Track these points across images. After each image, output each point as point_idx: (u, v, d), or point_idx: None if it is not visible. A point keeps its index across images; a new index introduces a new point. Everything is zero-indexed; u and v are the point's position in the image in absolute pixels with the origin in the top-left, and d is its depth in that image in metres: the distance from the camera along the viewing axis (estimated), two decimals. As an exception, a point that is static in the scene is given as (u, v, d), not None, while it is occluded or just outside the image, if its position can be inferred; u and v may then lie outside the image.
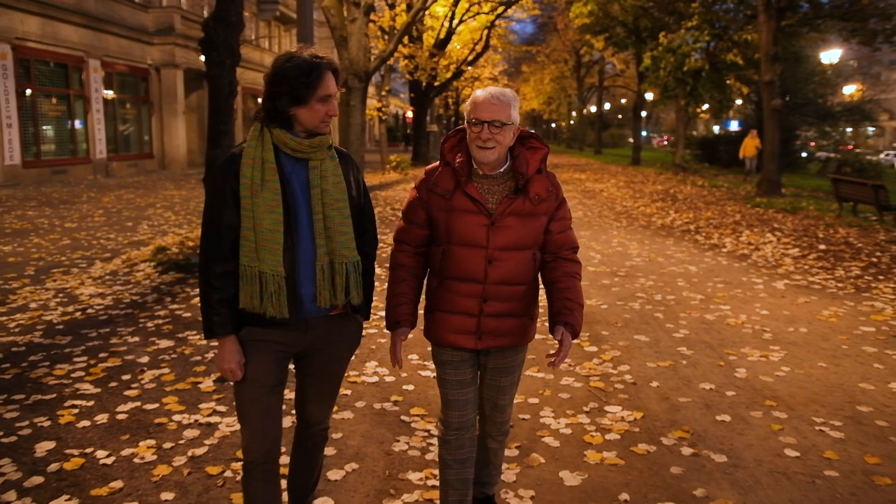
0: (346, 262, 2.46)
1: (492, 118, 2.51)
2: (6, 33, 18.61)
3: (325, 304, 2.45)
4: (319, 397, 2.67)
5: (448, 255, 2.65)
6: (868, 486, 3.46)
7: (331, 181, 2.45)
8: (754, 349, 5.62)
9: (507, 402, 2.83)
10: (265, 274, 2.36)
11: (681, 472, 3.60)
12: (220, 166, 2.44)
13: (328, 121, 2.43)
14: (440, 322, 2.71)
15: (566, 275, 2.70)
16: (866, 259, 9.43)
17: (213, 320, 2.41)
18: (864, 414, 4.35)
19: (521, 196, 2.61)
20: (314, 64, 2.37)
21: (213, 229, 2.42)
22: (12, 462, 3.59)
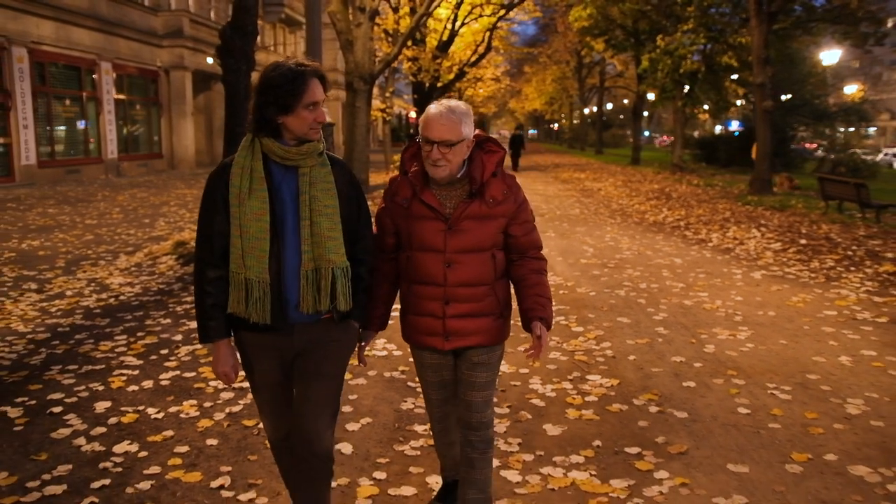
0: (334, 267, 2.50)
1: (440, 138, 2.57)
2: (22, 37, 19.27)
3: (308, 309, 2.49)
4: (312, 404, 2.61)
5: (411, 260, 2.75)
6: (803, 435, 4.08)
7: (320, 188, 2.50)
8: (724, 329, 6.24)
9: (481, 401, 2.84)
10: (251, 280, 2.43)
11: (647, 425, 4.22)
12: (212, 175, 2.53)
13: (317, 128, 2.47)
14: (411, 325, 2.83)
15: (533, 271, 2.78)
16: (842, 252, 10.04)
17: (207, 325, 2.51)
18: (812, 381, 4.97)
19: (476, 200, 2.68)
20: (298, 72, 2.40)
21: (205, 236, 2.51)
22: (77, 416, 4.23)
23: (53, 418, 4.19)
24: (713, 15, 24.76)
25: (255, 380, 2.63)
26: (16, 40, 19.00)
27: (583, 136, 64.77)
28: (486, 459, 2.89)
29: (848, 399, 4.63)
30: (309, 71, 2.42)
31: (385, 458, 3.77)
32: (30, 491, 3.34)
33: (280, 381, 2.63)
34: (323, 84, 2.47)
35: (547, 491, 3.45)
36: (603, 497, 3.38)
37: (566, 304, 7.07)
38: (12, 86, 19.03)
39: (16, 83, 19.10)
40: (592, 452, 3.86)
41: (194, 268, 2.55)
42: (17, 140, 19.29)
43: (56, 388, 4.67)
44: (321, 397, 2.61)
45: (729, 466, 3.69)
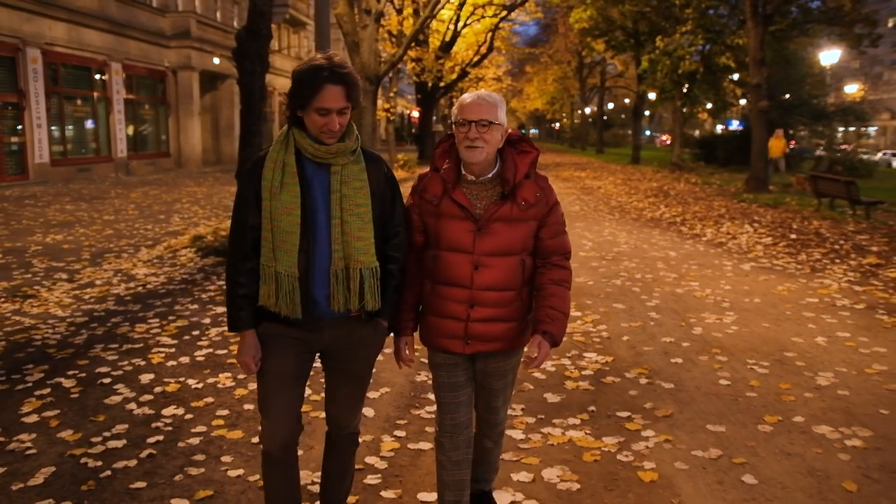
0: (362, 267, 2.48)
1: (478, 117, 2.55)
2: (36, 39, 19.77)
3: (340, 308, 2.49)
4: (343, 399, 2.70)
5: (437, 259, 2.69)
6: (776, 401, 4.56)
7: (352, 186, 2.47)
8: (712, 314, 6.72)
9: (500, 405, 2.88)
10: (280, 274, 2.44)
11: (637, 394, 4.70)
12: (247, 168, 2.53)
13: (329, 134, 2.42)
14: (431, 326, 2.76)
15: (552, 282, 2.70)
16: (829, 246, 10.52)
17: (237, 315, 2.53)
18: (789, 357, 5.44)
19: (508, 201, 2.63)
20: (317, 70, 2.37)
21: (237, 229, 2.52)
22: (125, 386, 4.71)
23: (104, 388, 4.68)
24: (711, 16, 25.21)
25: (270, 371, 2.57)
26: (30, 42, 19.51)
27: (584, 135, 65.25)
28: (498, 447, 3.04)
29: (819, 373, 5.10)
30: (325, 76, 2.35)
31: (404, 420, 4.25)
32: (94, 445, 3.82)
33: (294, 377, 2.59)
34: (348, 90, 2.39)
35: (547, 446, 3.93)
36: (596, 451, 3.86)
37: (565, 293, 7.54)
38: (26, 86, 19.54)
39: (30, 83, 19.62)
40: (587, 416, 4.34)
41: (227, 259, 2.57)
42: (31, 139, 19.80)
43: (102, 363, 5.15)
44: (350, 394, 2.69)
45: (708, 426, 4.17)
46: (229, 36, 30.05)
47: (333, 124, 2.39)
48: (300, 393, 2.64)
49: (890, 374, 5.08)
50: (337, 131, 2.41)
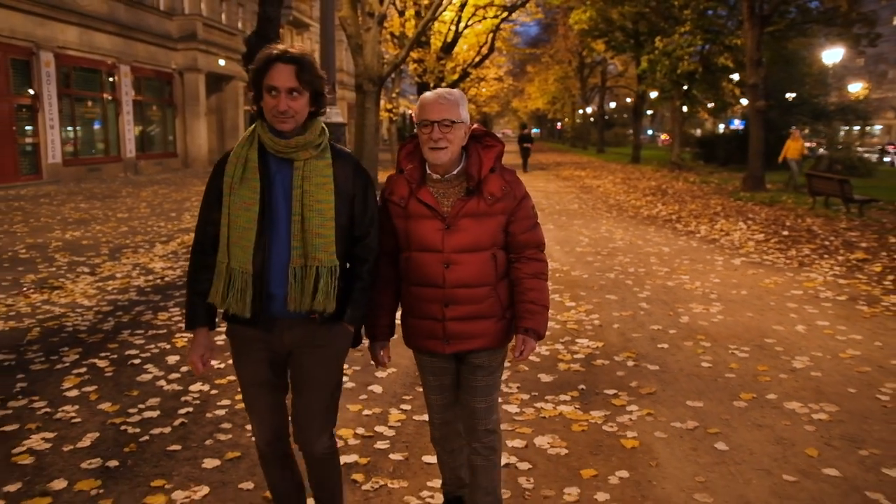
0: (320, 265, 2.42)
1: (440, 117, 2.53)
2: (49, 42, 20.22)
3: (295, 307, 2.42)
4: (304, 410, 2.57)
5: (409, 261, 2.68)
6: (752, 381, 4.96)
7: (314, 182, 2.42)
8: (699, 304, 7.12)
9: (484, 407, 2.78)
10: (234, 270, 2.39)
11: (624, 374, 5.10)
12: (216, 164, 2.51)
13: (280, 117, 2.35)
14: (411, 328, 2.77)
15: (529, 275, 2.70)
16: (819, 242, 10.90)
17: (192, 312, 2.52)
18: (769, 343, 5.84)
19: (474, 197, 2.62)
20: (266, 54, 2.36)
21: (199, 225, 2.52)
22: (154, 366, 5.13)
23: (135, 368, 5.10)
24: (710, 17, 25.58)
25: (241, 375, 2.58)
26: (43, 45, 19.96)
27: (585, 135, 65.55)
28: (490, 465, 2.84)
29: (796, 357, 5.50)
30: (275, 55, 2.34)
31: (409, 396, 4.66)
32: (132, 415, 4.24)
33: (266, 381, 2.54)
34: (299, 71, 2.33)
35: (539, 419, 4.33)
36: (584, 423, 4.26)
37: (561, 285, 7.95)
38: (40, 88, 20.00)
39: (43, 86, 20.07)
40: (577, 393, 4.74)
41: (190, 254, 2.57)
42: (44, 140, 20.25)
43: (130, 346, 5.57)
44: (313, 404, 2.56)
45: (687, 402, 4.57)
46: (234, 38, 30.56)
47: (282, 104, 2.32)
48: (280, 396, 2.61)
49: (862, 359, 5.47)
50: (286, 113, 2.33)
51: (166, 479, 3.48)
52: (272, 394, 2.56)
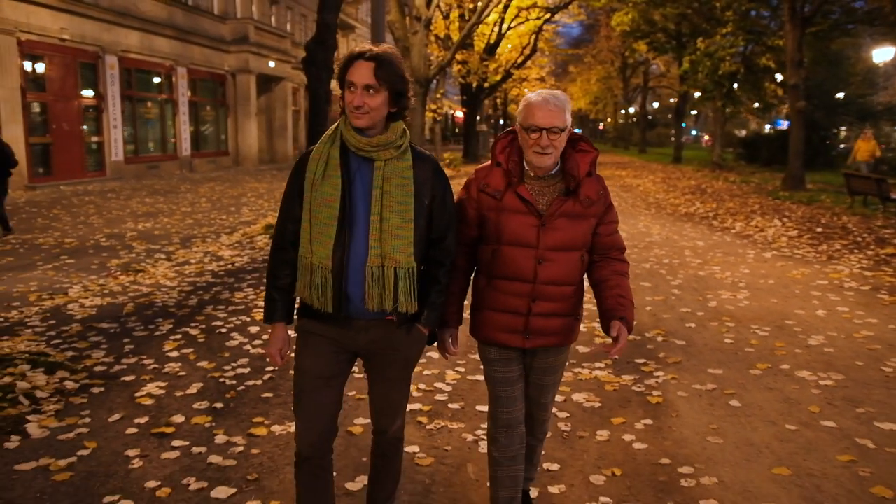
0: (397, 266, 2.43)
1: (550, 124, 2.55)
2: (114, 47, 21.37)
3: (373, 306, 2.43)
4: (381, 403, 2.67)
5: (498, 254, 2.70)
6: (769, 355, 5.52)
7: (394, 183, 2.43)
8: (728, 291, 7.66)
9: (549, 400, 2.94)
10: (314, 266, 2.42)
11: (653, 348, 5.70)
12: (297, 161, 2.55)
13: (356, 113, 2.38)
14: (488, 321, 2.77)
15: (616, 273, 2.75)
16: (852, 238, 11.29)
17: (271, 306, 2.57)
18: (788, 325, 6.37)
19: (571, 198, 2.66)
20: (349, 53, 2.40)
21: (280, 221, 2.55)
22: (239, 334, 5.88)
23: (223, 335, 5.86)
24: (752, 18, 25.77)
25: (303, 369, 2.55)
26: (108, 50, 21.10)
27: (627, 135, 65.55)
28: (541, 445, 3.12)
29: (812, 336, 6.03)
30: (357, 53, 2.38)
31: (462, 361, 5.33)
32: (227, 371, 4.99)
33: (328, 377, 2.54)
34: (377, 69, 2.37)
35: (577, 380, 4.96)
36: (615, 384, 4.88)
37: (599, 274, 8.54)
38: (105, 90, 21.14)
39: (108, 88, 21.21)
40: (611, 362, 5.36)
41: (270, 249, 2.61)
42: (108, 138, 21.41)
43: (215, 319, 6.34)
44: (386, 399, 2.66)
45: (708, 370, 5.16)
46: (283, 40, 31.62)
47: (358, 99, 2.36)
48: (335, 394, 2.58)
49: (874, 338, 5.98)
50: (361, 108, 2.37)
51: (264, 416, 4.21)
52: (331, 391, 2.55)
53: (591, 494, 3.40)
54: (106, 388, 4.66)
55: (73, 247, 10.03)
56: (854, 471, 3.64)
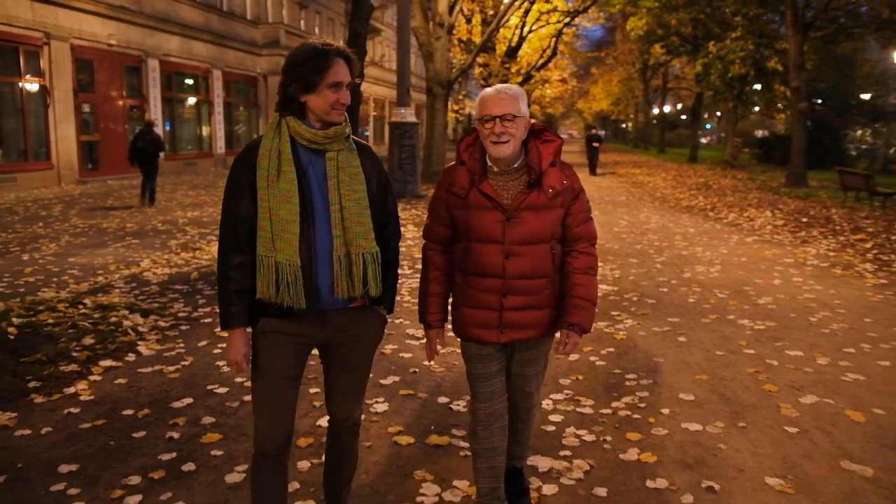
0: (364, 252, 2.47)
1: (502, 112, 2.59)
2: (156, 51, 22.94)
3: (343, 294, 2.46)
4: (343, 392, 2.68)
5: (468, 251, 2.74)
6: (722, 309, 6.75)
7: (348, 172, 2.47)
8: (703, 266, 8.89)
9: (533, 389, 2.94)
10: (281, 264, 2.38)
11: (628, 304, 6.96)
12: (237, 158, 2.49)
13: (340, 109, 2.42)
14: (464, 317, 2.80)
15: (580, 270, 2.76)
16: (831, 227, 12.42)
17: (230, 311, 2.44)
18: (745, 290, 7.59)
19: (535, 190, 2.68)
20: (322, 50, 2.38)
21: (229, 221, 2.46)
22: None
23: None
24: (761, 23, 26.77)
25: (268, 370, 2.52)
26: (151, 54, 22.68)
27: (647, 135, 66.39)
28: (530, 426, 3.11)
29: (762, 297, 7.26)
30: (333, 50, 2.40)
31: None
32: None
33: (288, 377, 2.54)
34: (350, 67, 2.44)
35: (560, 325, 6.23)
36: (598, 331, 6.13)
37: (595, 253, 9.79)
38: (147, 91, 22.72)
39: (150, 90, 22.80)
40: (590, 313, 6.61)
41: (218, 254, 2.51)
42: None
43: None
44: (350, 386, 2.67)
45: (668, 319, 6.41)
46: (313, 44, 33.03)
47: (345, 97, 2.42)
48: (294, 393, 2.58)
49: (813, 300, 7.18)
50: (345, 105, 2.44)
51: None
52: (294, 390, 2.57)
53: (558, 389, 4.67)
54: (191, 326, 6.01)
55: (134, 230, 11.46)
56: (755, 377, 4.89)
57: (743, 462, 3.64)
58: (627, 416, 4.24)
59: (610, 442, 3.88)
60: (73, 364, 4.94)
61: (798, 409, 4.33)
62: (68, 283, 7.56)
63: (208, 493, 3.28)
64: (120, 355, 5.20)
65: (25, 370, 4.76)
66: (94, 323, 5.89)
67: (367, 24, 13.01)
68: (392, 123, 15.74)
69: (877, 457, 3.70)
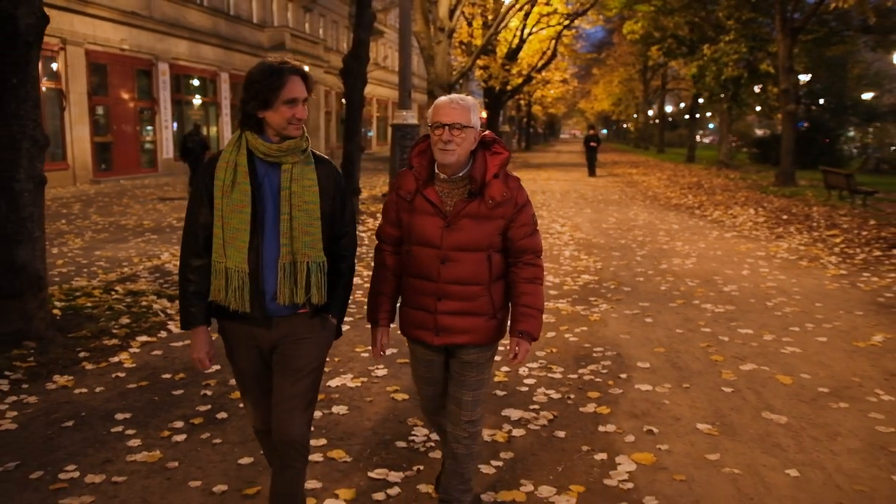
0: (309, 261, 2.55)
1: (452, 121, 2.66)
2: (166, 55, 23.73)
3: (285, 300, 2.55)
4: (286, 399, 2.67)
5: (410, 254, 2.83)
6: (689, 295, 7.48)
7: (301, 184, 2.56)
8: (680, 258, 9.62)
9: (470, 400, 2.92)
10: (230, 270, 2.52)
11: (605, 291, 7.70)
12: (201, 168, 2.62)
13: (296, 123, 2.51)
14: (406, 317, 2.92)
15: (525, 280, 2.83)
16: (808, 224, 13.14)
17: (189, 311, 2.61)
18: (715, 279, 8.32)
19: (476, 199, 2.75)
20: (277, 68, 2.48)
21: (189, 227, 2.61)
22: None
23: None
24: (753, 26, 27.46)
25: (237, 369, 2.74)
26: (161, 57, 23.47)
27: (648, 136, 67.04)
28: (470, 455, 2.99)
29: (728, 285, 7.99)
30: (288, 68, 2.49)
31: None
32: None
33: (261, 373, 2.73)
34: (306, 83, 2.53)
35: (542, 309, 6.98)
36: (569, 310, 6.88)
37: (581, 247, 10.54)
38: (157, 94, 23.51)
39: (160, 92, 23.59)
40: (571, 299, 7.35)
41: (179, 256, 2.65)
42: (160, 138, 23.79)
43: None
44: (296, 392, 2.67)
45: (640, 303, 7.14)
46: (316, 46, 33.89)
47: (301, 112, 2.52)
48: (269, 384, 2.74)
49: (774, 287, 7.91)
50: (303, 120, 2.54)
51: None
52: (265, 384, 2.74)
53: (534, 360, 5.40)
54: (213, 309, 6.74)
55: (151, 227, 12.23)
56: (706, 350, 5.64)
57: (681, 413, 4.39)
58: (591, 379, 4.99)
59: (573, 399, 4.62)
60: (114, 339, 5.70)
61: (737, 375, 5.07)
62: (97, 273, 8.32)
63: (238, 433, 4.03)
64: (153, 332, 5.96)
65: (74, 343, 5.52)
66: (127, 306, 6.65)
67: (371, 31, 13.72)
68: (394, 125, 16.44)
69: (793, 409, 4.45)
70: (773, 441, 3.99)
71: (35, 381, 4.76)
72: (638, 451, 3.85)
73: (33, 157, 5.44)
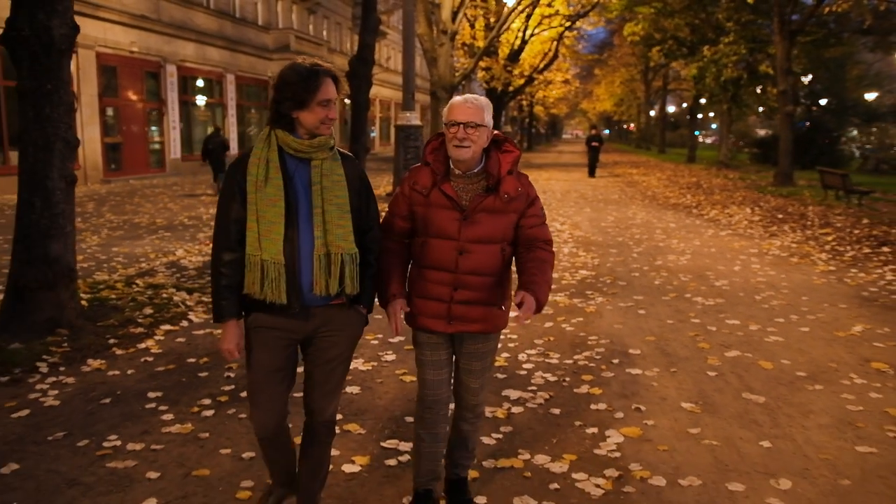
0: (342, 252, 2.66)
1: (467, 119, 2.80)
2: (174, 57, 24.14)
3: (322, 291, 2.65)
4: (320, 385, 2.84)
5: (425, 245, 2.93)
6: (682, 290, 7.85)
7: (331, 179, 2.68)
8: (675, 255, 9.99)
9: (477, 386, 3.11)
10: (266, 262, 2.59)
11: (601, 286, 8.07)
12: (231, 165, 2.72)
13: (328, 123, 2.64)
14: (416, 307, 2.99)
15: (537, 259, 2.93)
16: (803, 222, 13.49)
17: (221, 304, 2.68)
18: (707, 274, 8.69)
19: (492, 194, 2.88)
20: (314, 70, 2.59)
21: (222, 222, 2.68)
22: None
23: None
24: (753, 28, 27.82)
25: (258, 362, 2.75)
26: (169, 59, 23.87)
27: (649, 136, 67.34)
28: (475, 430, 3.24)
29: (720, 280, 8.36)
30: (323, 71, 2.60)
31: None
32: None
33: (278, 368, 2.76)
34: (336, 84, 2.64)
35: (541, 302, 7.35)
36: (567, 302, 7.25)
37: (580, 244, 10.91)
38: (165, 95, 23.92)
39: (168, 94, 23.99)
40: (569, 292, 7.72)
41: (212, 251, 2.72)
42: (168, 138, 24.20)
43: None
44: (327, 381, 2.83)
45: (634, 297, 7.51)
46: (320, 48, 34.28)
47: (333, 112, 2.65)
48: (288, 383, 2.82)
49: (763, 282, 8.28)
50: (333, 120, 2.66)
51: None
52: (283, 382, 2.79)
53: (532, 347, 5.78)
54: (229, 302, 7.13)
55: (164, 225, 12.62)
56: (694, 338, 6.01)
57: (667, 393, 4.76)
58: (585, 364, 5.36)
59: (568, 381, 5.00)
60: (140, 328, 6.09)
61: (721, 361, 5.44)
62: (117, 268, 8.71)
63: (262, 410, 4.41)
64: (176, 322, 6.35)
65: (104, 331, 5.91)
66: (149, 298, 7.04)
67: (376, 35, 14.12)
68: (398, 126, 16.82)
69: (771, 390, 4.82)
70: (750, 417, 4.37)
71: (70, 365, 5.15)
72: (626, 426, 4.23)
73: (65, 157, 5.84)
